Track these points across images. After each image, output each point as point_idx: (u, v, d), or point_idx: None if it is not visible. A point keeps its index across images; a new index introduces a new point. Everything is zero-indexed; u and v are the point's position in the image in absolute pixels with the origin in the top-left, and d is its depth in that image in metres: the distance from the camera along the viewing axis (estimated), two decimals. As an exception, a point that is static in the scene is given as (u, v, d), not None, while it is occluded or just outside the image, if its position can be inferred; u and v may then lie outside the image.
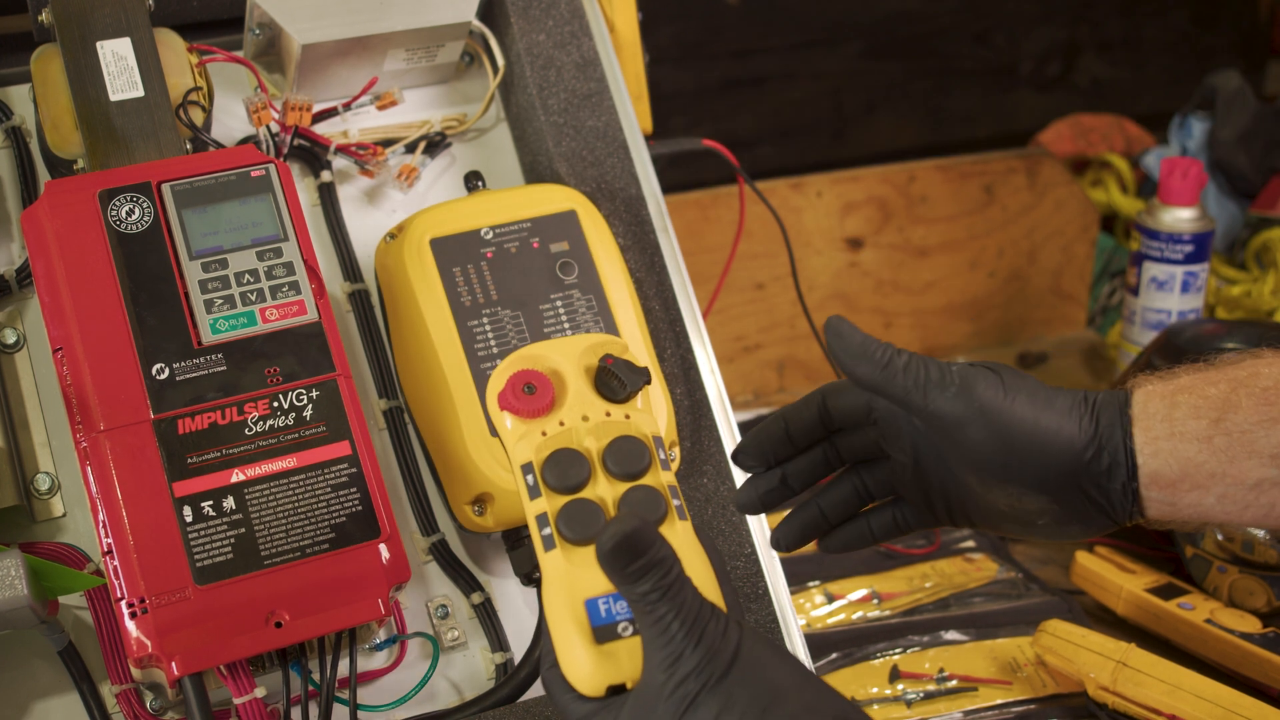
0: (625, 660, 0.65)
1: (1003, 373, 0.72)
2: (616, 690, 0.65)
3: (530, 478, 0.68)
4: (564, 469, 0.68)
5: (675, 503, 0.69)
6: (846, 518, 0.80)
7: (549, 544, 0.66)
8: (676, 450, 0.93)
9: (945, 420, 0.71)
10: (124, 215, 0.82)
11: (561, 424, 0.69)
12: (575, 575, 0.66)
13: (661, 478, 0.69)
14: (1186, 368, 0.72)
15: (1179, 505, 0.69)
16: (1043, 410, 0.70)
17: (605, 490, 0.68)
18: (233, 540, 0.77)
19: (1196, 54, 1.98)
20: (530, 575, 0.91)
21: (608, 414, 0.70)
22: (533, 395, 0.69)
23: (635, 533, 0.62)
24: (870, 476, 0.79)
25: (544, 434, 0.69)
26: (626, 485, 0.68)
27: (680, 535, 0.68)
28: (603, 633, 0.65)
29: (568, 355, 0.71)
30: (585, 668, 0.64)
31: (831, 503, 0.80)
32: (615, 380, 0.70)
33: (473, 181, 0.99)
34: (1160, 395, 0.70)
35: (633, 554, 0.62)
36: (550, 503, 0.67)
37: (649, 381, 0.71)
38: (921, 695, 1.03)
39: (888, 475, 0.78)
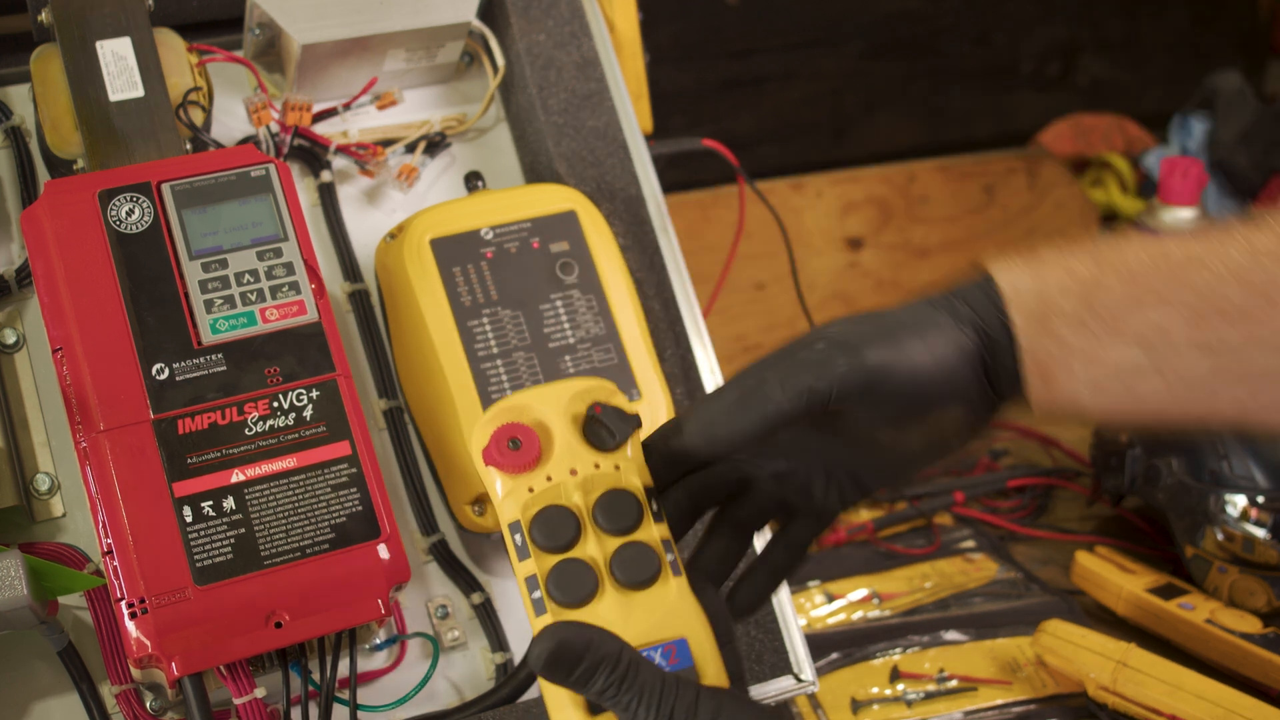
0: None
1: (870, 321, 0.69)
2: None
3: (518, 537, 0.65)
4: (553, 527, 0.65)
5: (669, 558, 0.66)
6: (730, 568, 0.73)
7: (540, 608, 0.64)
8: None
9: (852, 394, 0.66)
10: (124, 215, 0.82)
11: (549, 479, 0.66)
12: None
13: (654, 532, 0.67)
14: (1048, 250, 0.69)
15: (1054, 391, 0.66)
16: (930, 334, 0.67)
17: (595, 549, 0.65)
18: (233, 540, 0.77)
19: (1196, 54, 1.98)
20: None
21: (597, 465, 0.67)
22: (518, 450, 0.66)
23: (561, 646, 0.60)
24: (740, 512, 0.73)
25: (531, 490, 0.66)
26: (618, 541, 0.66)
27: (673, 593, 0.65)
28: (595, 705, 0.63)
29: (553, 404, 0.68)
30: None
31: (716, 559, 0.73)
32: (604, 430, 0.67)
33: (473, 181, 0.99)
34: (1026, 272, 0.68)
35: (568, 665, 0.60)
36: (540, 564, 0.65)
37: (639, 427, 0.68)
38: (922, 695, 1.03)
39: (761, 499, 0.73)
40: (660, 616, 0.65)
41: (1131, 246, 0.66)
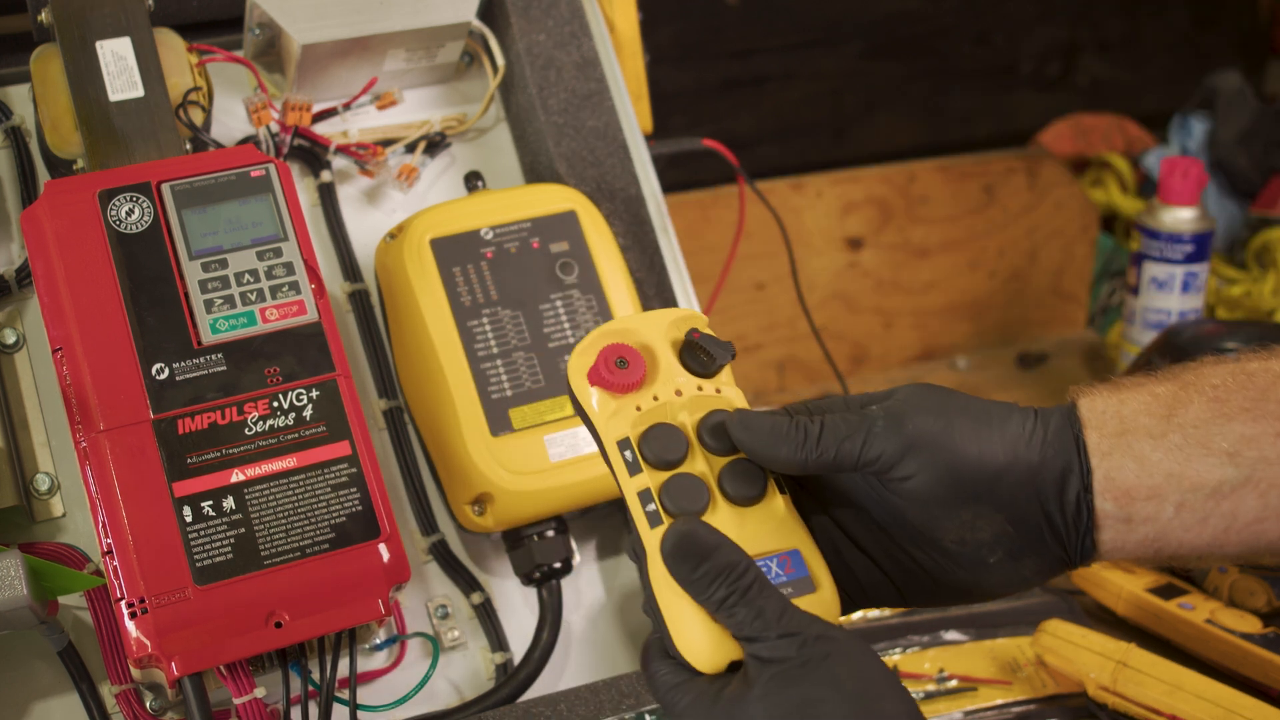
0: None
1: (935, 394, 0.67)
2: (735, 667, 0.63)
3: (628, 453, 0.66)
4: (664, 443, 0.66)
5: (773, 476, 0.67)
6: None
7: (655, 520, 0.65)
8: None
9: (882, 463, 0.65)
10: (124, 215, 0.82)
11: (655, 399, 0.68)
12: None
13: None
14: (1127, 376, 0.68)
15: (1134, 521, 0.64)
16: (984, 426, 0.65)
17: (703, 465, 0.67)
18: (232, 540, 0.77)
19: (1196, 54, 1.98)
20: (530, 575, 0.91)
21: (700, 388, 0.68)
22: (625, 370, 0.67)
23: (691, 537, 0.62)
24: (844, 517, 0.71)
25: (639, 409, 0.67)
26: (724, 460, 0.67)
27: (781, 508, 0.67)
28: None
29: (655, 329, 0.69)
30: (704, 642, 0.63)
31: None
32: (704, 354, 0.69)
33: (473, 181, 0.99)
34: (1107, 395, 0.66)
35: (695, 559, 0.61)
36: (652, 478, 0.66)
37: (734, 356, 0.70)
38: (922, 695, 1.03)
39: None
40: (771, 529, 0.66)
41: (1211, 368, 0.66)
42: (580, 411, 0.68)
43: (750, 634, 0.61)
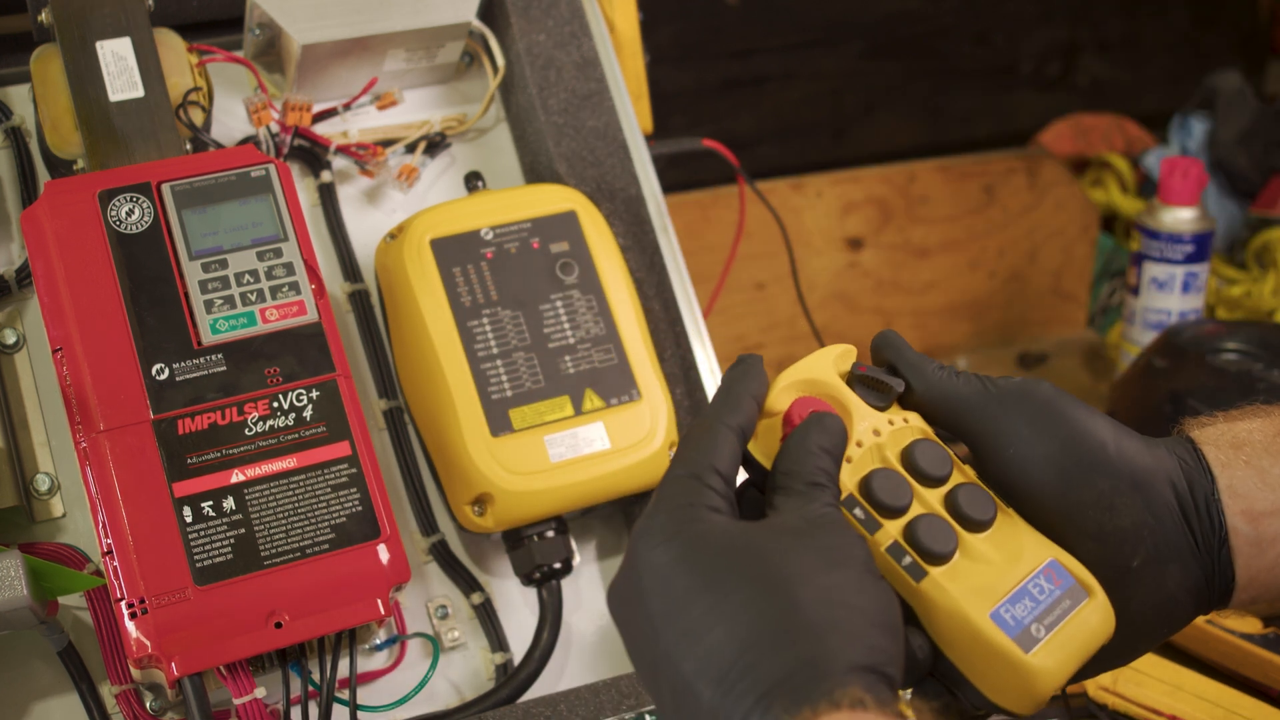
0: (1058, 660, 0.60)
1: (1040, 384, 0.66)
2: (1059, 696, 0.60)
3: (859, 511, 0.61)
4: (889, 490, 0.61)
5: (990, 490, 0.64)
6: None
7: (918, 573, 0.60)
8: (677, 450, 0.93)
9: (1019, 412, 0.63)
10: (124, 215, 0.82)
11: (859, 444, 0.63)
12: (964, 595, 0.60)
13: (967, 470, 0.64)
14: (1233, 409, 0.67)
15: (1264, 543, 0.62)
16: (1105, 418, 0.64)
17: (929, 501, 0.62)
18: (232, 541, 0.77)
19: (1196, 54, 1.98)
20: (530, 575, 0.91)
21: (890, 422, 0.64)
22: None
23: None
24: None
25: (848, 460, 0.62)
26: (941, 490, 0.63)
27: (1014, 521, 0.63)
28: (1024, 640, 0.59)
29: (828, 371, 0.64)
30: (1034, 682, 0.59)
31: None
32: (883, 385, 0.65)
33: (473, 181, 0.99)
34: (1215, 421, 0.65)
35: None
36: (895, 529, 0.61)
37: (905, 380, 0.66)
38: (922, 695, 1.03)
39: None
40: (1021, 545, 0.62)
41: None
42: (749, 473, 0.64)
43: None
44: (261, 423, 0.80)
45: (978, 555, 0.61)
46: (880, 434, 0.64)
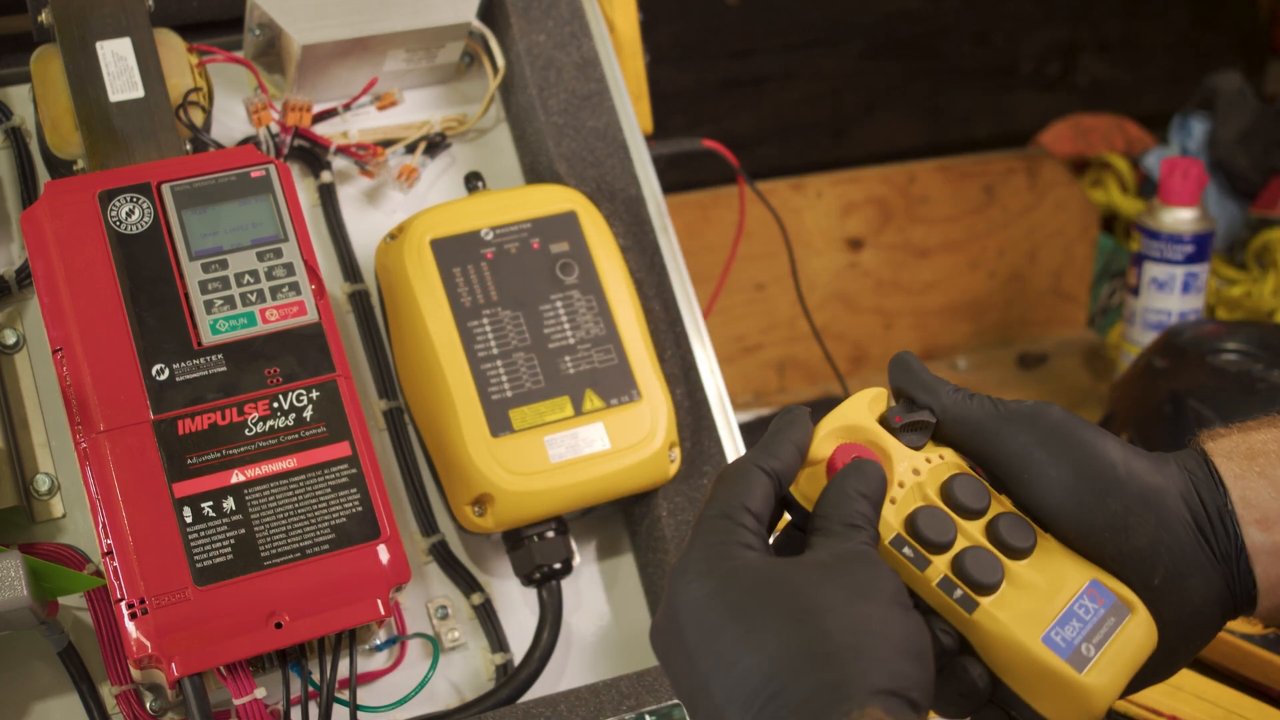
0: (1110, 676, 0.62)
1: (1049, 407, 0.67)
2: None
3: (908, 549, 0.63)
4: (935, 527, 0.64)
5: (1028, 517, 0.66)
6: None
7: (970, 605, 0.62)
8: (677, 451, 0.93)
9: (1030, 435, 0.65)
10: (124, 216, 0.82)
11: (901, 485, 0.65)
12: (1015, 622, 0.62)
13: (1004, 499, 0.66)
14: (1249, 420, 0.67)
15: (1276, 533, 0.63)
16: (1114, 439, 0.65)
17: (971, 533, 0.64)
18: (233, 541, 0.77)
19: (1196, 54, 1.98)
20: (530, 576, 0.91)
21: (928, 460, 0.67)
22: None
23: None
24: None
25: (892, 501, 0.65)
26: (980, 522, 0.65)
27: (1054, 545, 0.65)
28: (1076, 661, 0.61)
29: (865, 416, 0.67)
30: (1090, 700, 0.61)
31: None
32: (920, 425, 0.67)
33: (473, 182, 0.99)
34: (1230, 433, 0.66)
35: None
36: (943, 564, 0.63)
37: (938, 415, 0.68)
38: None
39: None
40: (1062, 568, 0.64)
41: None
42: (797, 526, 0.66)
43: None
44: (261, 423, 0.80)
45: (1023, 582, 0.63)
46: (920, 473, 0.66)
